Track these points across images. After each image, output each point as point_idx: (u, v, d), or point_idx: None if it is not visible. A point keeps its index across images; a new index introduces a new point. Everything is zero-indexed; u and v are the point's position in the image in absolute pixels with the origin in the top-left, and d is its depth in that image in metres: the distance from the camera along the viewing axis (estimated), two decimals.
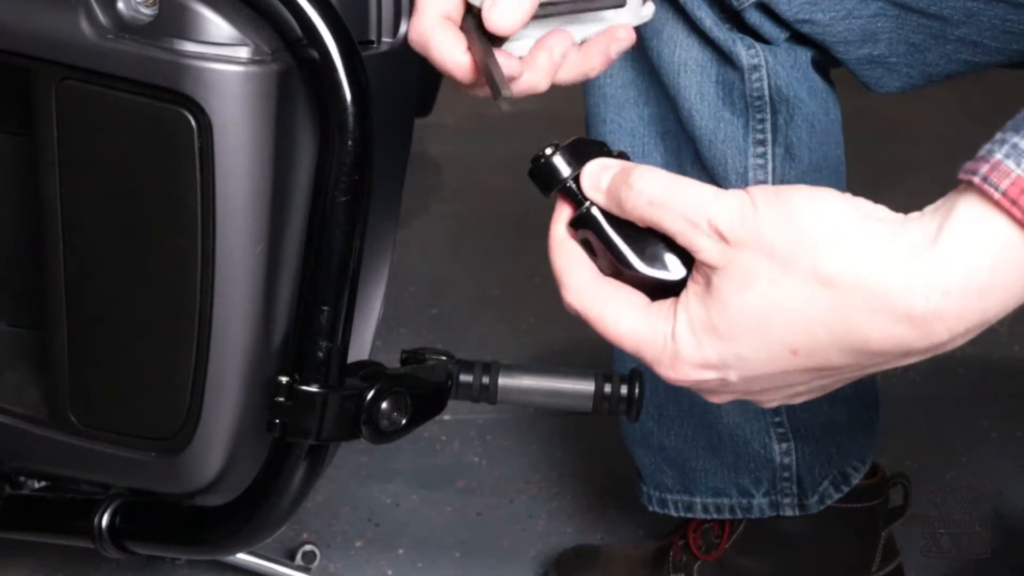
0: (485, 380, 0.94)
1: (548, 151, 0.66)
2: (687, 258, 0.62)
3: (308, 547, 1.31)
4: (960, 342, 0.57)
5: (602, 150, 0.67)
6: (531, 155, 0.67)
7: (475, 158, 2.64)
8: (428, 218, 2.35)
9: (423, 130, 2.46)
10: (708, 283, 0.60)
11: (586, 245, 0.65)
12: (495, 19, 0.72)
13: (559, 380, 0.95)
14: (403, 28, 0.95)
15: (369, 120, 0.83)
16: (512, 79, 0.74)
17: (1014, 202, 0.53)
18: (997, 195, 0.53)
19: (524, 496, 1.50)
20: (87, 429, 0.95)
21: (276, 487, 0.92)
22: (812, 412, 1.18)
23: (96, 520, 0.99)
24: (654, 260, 0.62)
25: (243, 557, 1.25)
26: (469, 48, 0.74)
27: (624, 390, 0.94)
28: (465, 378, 0.95)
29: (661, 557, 1.28)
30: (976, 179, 0.54)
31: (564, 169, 0.65)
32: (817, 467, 1.19)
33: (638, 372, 0.95)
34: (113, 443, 0.94)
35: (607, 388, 0.94)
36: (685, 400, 1.19)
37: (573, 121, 1.46)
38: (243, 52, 0.82)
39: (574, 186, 0.65)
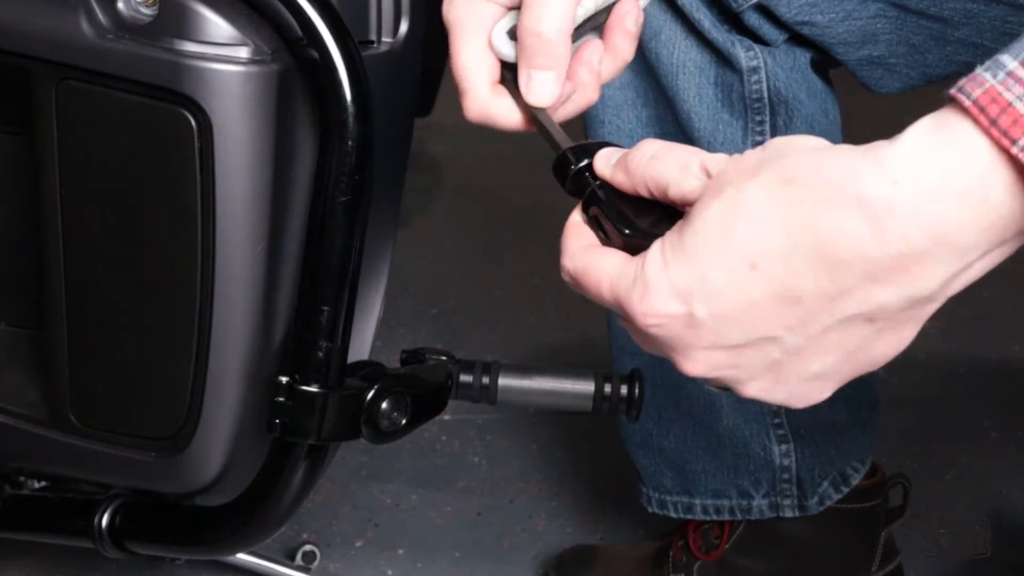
0: (485, 380, 0.94)
1: (568, 147, 0.71)
2: None
3: (308, 547, 1.31)
4: (923, 276, 0.55)
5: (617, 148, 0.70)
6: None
7: (475, 158, 2.64)
8: (428, 218, 2.35)
9: (423, 130, 2.46)
10: (686, 217, 0.60)
11: (595, 223, 0.67)
12: (533, 98, 0.74)
13: (559, 380, 0.95)
14: (403, 28, 0.95)
15: (369, 120, 0.83)
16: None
17: (983, 109, 0.52)
18: (968, 102, 0.53)
19: (524, 496, 1.50)
20: (87, 429, 0.95)
21: (276, 487, 0.92)
22: (812, 413, 1.18)
23: (96, 520, 0.99)
24: (650, 229, 0.64)
25: (243, 557, 1.26)
26: (516, 103, 0.76)
27: (624, 390, 0.94)
28: (465, 378, 0.95)
29: (661, 557, 1.28)
30: (953, 90, 0.54)
31: (580, 160, 0.69)
32: (817, 468, 1.19)
33: (638, 372, 0.95)
34: (113, 443, 0.94)
35: (607, 388, 0.94)
36: (685, 402, 1.19)
37: (572, 122, 1.46)
38: (243, 52, 0.82)
39: (588, 175, 0.69)
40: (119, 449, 0.94)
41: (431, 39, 0.96)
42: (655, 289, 0.60)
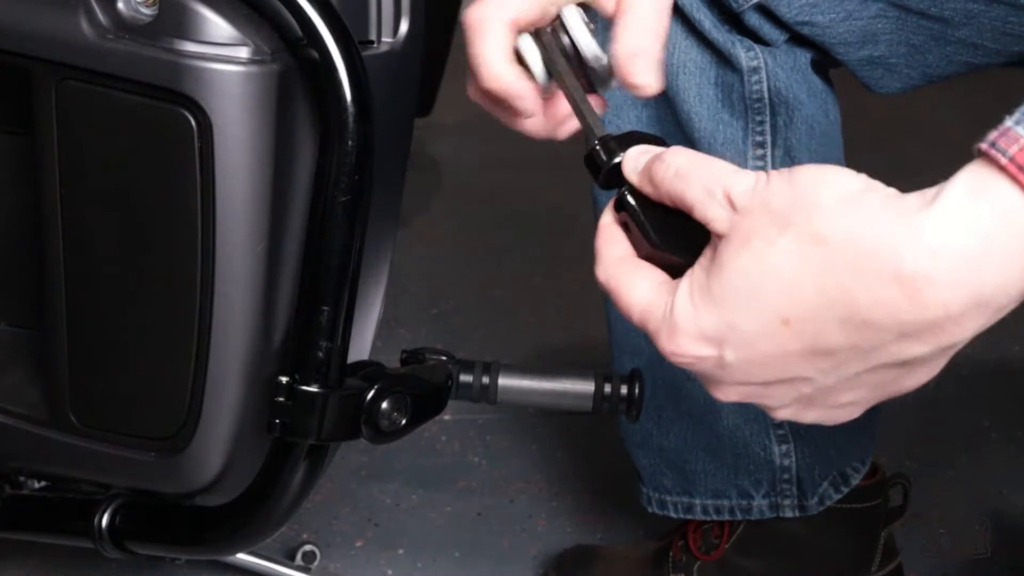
0: (485, 380, 0.95)
1: (601, 138, 0.69)
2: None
3: (308, 547, 1.31)
4: (959, 332, 0.54)
5: (653, 140, 0.69)
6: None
7: (475, 158, 2.64)
8: (428, 218, 2.36)
9: (423, 130, 2.45)
10: (714, 253, 0.60)
11: (625, 228, 0.67)
12: (636, 78, 0.73)
13: (559, 380, 0.95)
14: (403, 28, 0.95)
15: (369, 120, 0.83)
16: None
17: (1021, 168, 0.51)
18: (1004, 160, 0.51)
19: (524, 496, 1.50)
20: (87, 429, 0.95)
21: (276, 487, 0.92)
22: None
23: (96, 520, 0.99)
24: (677, 240, 0.63)
25: (243, 557, 1.26)
26: (555, 76, 0.75)
27: (624, 390, 0.94)
28: (465, 378, 0.95)
29: (661, 557, 1.28)
30: (984, 145, 0.52)
31: (611, 157, 0.68)
32: (817, 468, 1.19)
33: (638, 372, 0.95)
34: (113, 443, 0.94)
35: (607, 388, 0.94)
36: (684, 402, 1.19)
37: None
38: (243, 52, 0.82)
39: (620, 175, 0.68)
40: (119, 449, 0.94)
41: (431, 39, 0.96)
42: (683, 332, 0.60)
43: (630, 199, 0.66)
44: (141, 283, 0.89)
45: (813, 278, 0.55)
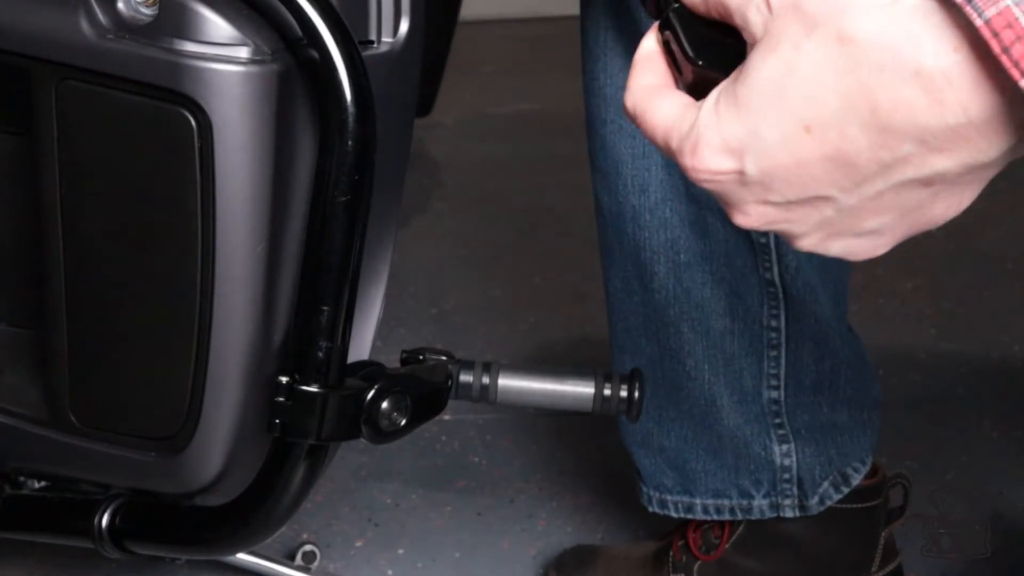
0: (485, 380, 0.95)
1: None
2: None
3: (308, 547, 1.31)
4: (984, 145, 0.52)
5: None
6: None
7: (475, 158, 2.64)
8: (428, 218, 2.35)
9: (423, 130, 2.45)
10: (743, 66, 0.58)
11: (668, 52, 0.65)
12: None
13: (559, 380, 0.95)
14: (403, 28, 0.95)
15: (369, 120, 0.83)
16: None
17: (996, 34, 0.50)
18: (979, 22, 0.50)
19: (524, 496, 1.50)
20: (87, 429, 0.95)
21: (276, 487, 0.92)
22: (812, 413, 1.18)
23: (96, 520, 0.99)
24: (718, 58, 0.62)
25: (243, 557, 1.26)
26: None
27: (624, 390, 0.94)
28: (465, 378, 0.95)
29: (661, 557, 1.28)
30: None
31: None
32: (817, 468, 1.19)
33: (638, 372, 0.95)
34: (113, 443, 0.94)
35: (607, 388, 0.94)
36: (685, 402, 1.19)
37: (573, 121, 1.46)
38: (243, 52, 0.82)
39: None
40: (119, 449, 0.94)
41: (431, 39, 0.96)
42: (706, 143, 0.58)
43: (675, 19, 0.64)
44: (141, 283, 0.89)
45: (836, 79, 0.54)
